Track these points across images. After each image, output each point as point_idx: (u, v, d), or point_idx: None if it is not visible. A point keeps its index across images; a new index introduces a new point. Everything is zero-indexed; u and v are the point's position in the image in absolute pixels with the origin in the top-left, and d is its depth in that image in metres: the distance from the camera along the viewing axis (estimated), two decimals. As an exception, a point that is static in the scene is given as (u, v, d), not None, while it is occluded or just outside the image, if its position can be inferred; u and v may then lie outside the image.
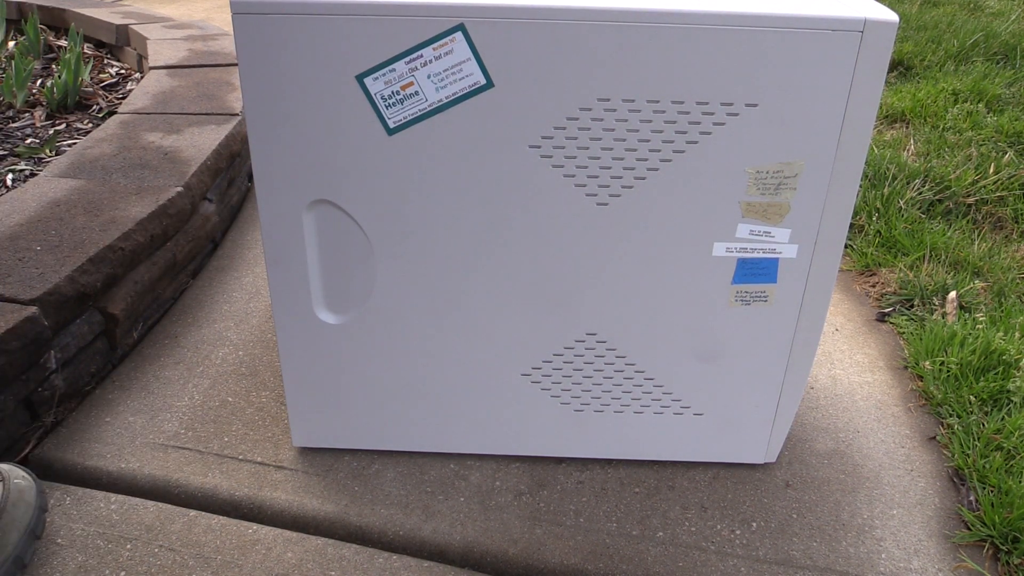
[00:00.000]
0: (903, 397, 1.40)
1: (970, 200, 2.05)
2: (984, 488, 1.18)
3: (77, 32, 2.58)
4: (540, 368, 1.10)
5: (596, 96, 0.89)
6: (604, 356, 1.08)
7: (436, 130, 0.91)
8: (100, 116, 2.19)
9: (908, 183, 2.08)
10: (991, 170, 2.13)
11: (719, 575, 1.04)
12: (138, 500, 1.10)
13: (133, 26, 2.77)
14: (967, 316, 1.57)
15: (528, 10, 0.84)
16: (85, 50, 2.73)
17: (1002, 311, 1.59)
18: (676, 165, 0.93)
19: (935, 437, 1.31)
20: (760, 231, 0.98)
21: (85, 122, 2.14)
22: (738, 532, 1.11)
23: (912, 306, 1.65)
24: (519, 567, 1.06)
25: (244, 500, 1.12)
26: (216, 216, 1.77)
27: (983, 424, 1.29)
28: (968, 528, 1.13)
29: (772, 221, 0.97)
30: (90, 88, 2.37)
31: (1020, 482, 1.16)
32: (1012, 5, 3.96)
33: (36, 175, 1.68)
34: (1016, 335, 1.47)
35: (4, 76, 2.18)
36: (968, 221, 2.01)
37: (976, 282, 1.70)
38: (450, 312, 1.05)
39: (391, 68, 0.88)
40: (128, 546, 1.03)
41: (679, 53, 0.86)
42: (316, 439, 1.18)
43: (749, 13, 0.84)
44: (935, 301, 1.64)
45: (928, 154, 2.29)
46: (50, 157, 1.86)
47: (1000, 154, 2.25)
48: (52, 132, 2.01)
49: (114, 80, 2.51)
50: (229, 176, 1.88)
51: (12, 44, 2.65)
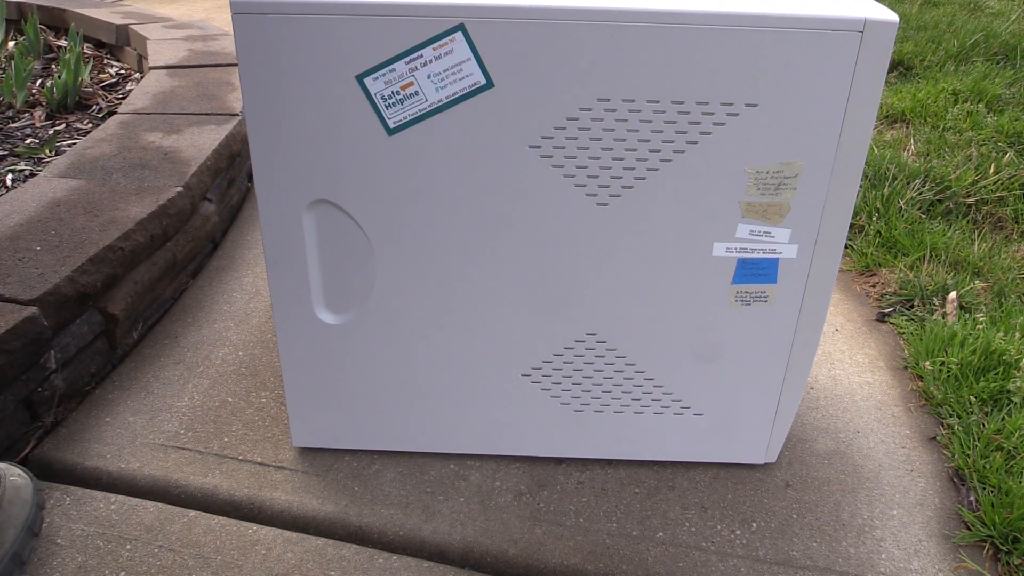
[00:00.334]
0: (903, 397, 1.40)
1: (970, 200, 2.05)
2: (984, 488, 1.18)
3: (77, 32, 2.58)
4: (540, 368, 1.10)
5: (596, 96, 0.89)
6: (604, 356, 1.08)
7: (436, 130, 0.91)
8: (100, 116, 2.19)
9: (908, 183, 2.08)
10: (991, 170, 2.13)
11: (719, 575, 1.04)
12: (138, 500, 1.10)
13: (133, 26, 2.77)
14: (967, 316, 1.57)
15: (528, 10, 0.84)
16: (85, 50, 2.73)
17: (1002, 311, 1.59)
18: (676, 165, 0.93)
19: (935, 437, 1.31)
20: (760, 231, 0.98)
21: (85, 122, 2.14)
22: (738, 532, 1.11)
23: (912, 306, 1.65)
24: (519, 567, 1.06)
25: (244, 500, 1.12)
26: (216, 216, 1.77)
27: (983, 424, 1.29)
28: (968, 528, 1.13)
29: (772, 221, 0.97)
30: (90, 88, 2.37)
31: (1020, 482, 1.16)
32: (1012, 5, 3.96)
33: (36, 175, 1.68)
34: (1016, 335, 1.47)
35: (4, 76, 2.18)
36: (968, 221, 2.01)
37: (976, 282, 1.70)
38: (450, 312, 1.05)
39: (391, 68, 0.88)
40: (128, 546, 1.03)
41: (679, 53, 0.86)
42: (316, 439, 1.18)
43: (749, 13, 0.84)
44: (935, 301, 1.64)
45: (928, 154, 2.29)
46: (50, 157, 1.86)
47: (1000, 154, 2.25)
48: (52, 132, 2.01)
49: (114, 80, 2.51)
50: (229, 176, 1.88)
51: (12, 44, 2.65)
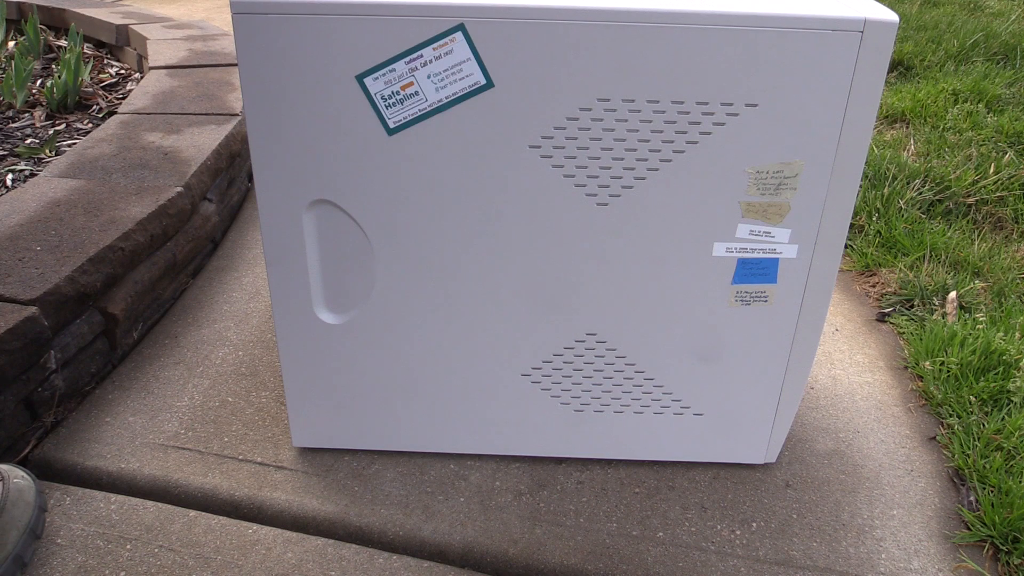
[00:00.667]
0: (903, 397, 1.40)
1: (970, 200, 2.05)
2: (984, 488, 1.18)
3: (77, 32, 2.58)
4: (540, 368, 1.10)
5: (596, 96, 0.89)
6: (604, 356, 1.08)
7: (436, 130, 0.91)
8: (100, 116, 2.19)
9: (908, 183, 2.08)
10: (991, 170, 2.13)
11: (719, 575, 1.04)
12: (138, 500, 1.10)
13: (133, 26, 2.77)
14: (967, 316, 1.57)
15: (528, 10, 0.84)
16: (85, 50, 2.73)
17: (1002, 311, 1.59)
18: (676, 165, 0.93)
19: (935, 437, 1.31)
20: (760, 231, 0.98)
21: (85, 122, 2.14)
22: (738, 532, 1.11)
23: (912, 306, 1.65)
24: (519, 567, 1.06)
25: (244, 500, 1.12)
26: (216, 216, 1.77)
27: (983, 424, 1.29)
28: (968, 528, 1.13)
29: (772, 221, 0.97)
30: (90, 88, 2.37)
31: (1020, 482, 1.16)
32: (1012, 5, 3.96)
33: (36, 175, 1.68)
34: (1016, 335, 1.47)
35: (4, 76, 2.18)
36: (968, 221, 2.01)
37: (976, 282, 1.70)
38: (450, 312, 1.05)
39: (391, 68, 0.88)
40: (128, 546, 1.03)
41: (679, 53, 0.86)
42: (316, 439, 1.18)
43: (749, 13, 0.84)
44: (935, 301, 1.64)
45: (928, 154, 2.29)
46: (50, 157, 1.86)
47: (1000, 154, 2.25)
48: (52, 132, 2.01)
49: (114, 80, 2.51)
50: (229, 176, 1.88)
51: (12, 44, 2.65)
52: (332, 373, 1.11)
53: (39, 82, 2.34)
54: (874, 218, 1.95)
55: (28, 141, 1.96)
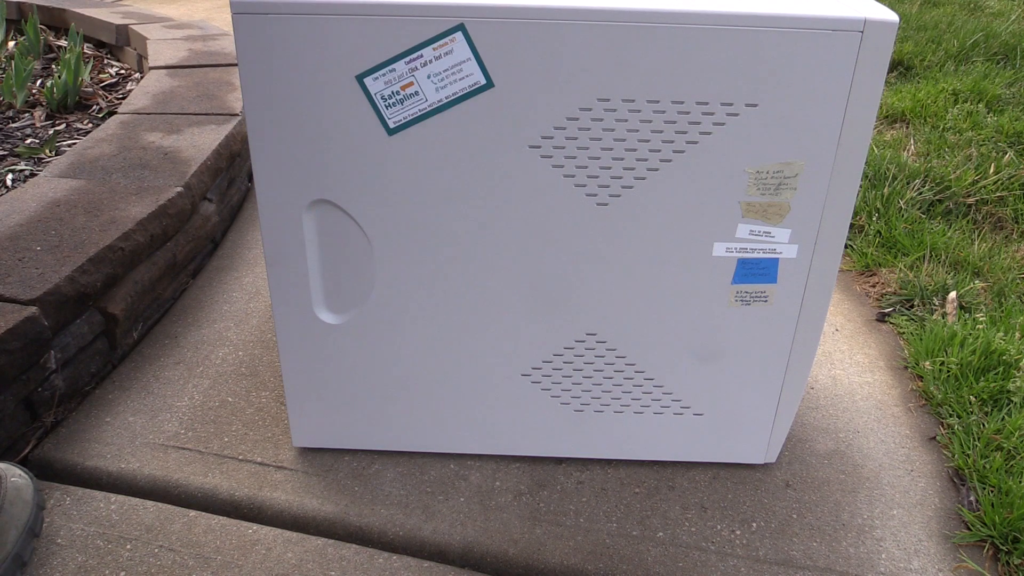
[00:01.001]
0: (903, 397, 1.40)
1: (970, 200, 2.05)
2: (984, 488, 1.18)
3: (77, 32, 2.58)
4: (540, 368, 1.10)
5: (596, 96, 0.89)
6: (604, 356, 1.08)
7: (436, 130, 0.91)
8: (100, 116, 2.19)
9: (908, 183, 2.08)
10: (991, 170, 2.13)
11: (719, 575, 1.04)
12: (138, 500, 1.10)
13: (133, 26, 2.77)
14: (967, 316, 1.57)
15: (528, 10, 0.84)
16: (85, 50, 2.73)
17: (1002, 311, 1.59)
18: (676, 165, 0.93)
19: (935, 437, 1.31)
20: (760, 231, 0.98)
21: (85, 122, 2.14)
22: (738, 532, 1.11)
23: (912, 306, 1.65)
24: (519, 567, 1.06)
25: (244, 500, 1.12)
26: (216, 216, 1.77)
27: (983, 424, 1.29)
28: (968, 528, 1.13)
29: (772, 221, 0.97)
30: (90, 88, 2.37)
31: (1020, 482, 1.16)
32: (1012, 5, 3.96)
33: (36, 175, 1.68)
34: (1016, 335, 1.47)
35: (4, 76, 2.18)
36: (968, 221, 2.01)
37: (976, 282, 1.70)
38: (450, 312, 1.05)
39: (391, 68, 0.88)
40: (128, 546, 1.03)
41: (679, 53, 0.86)
42: (316, 439, 1.18)
43: (749, 13, 0.84)
44: (935, 301, 1.64)
45: (928, 154, 2.29)
46: (50, 157, 1.86)
47: (1000, 154, 2.25)
48: (52, 132, 2.01)
49: (114, 80, 2.51)
50: (229, 176, 1.88)
51: (12, 44, 2.65)
52: (332, 373, 1.11)
53: (39, 82, 2.34)
54: (874, 218, 1.95)
55: (28, 141, 1.96)
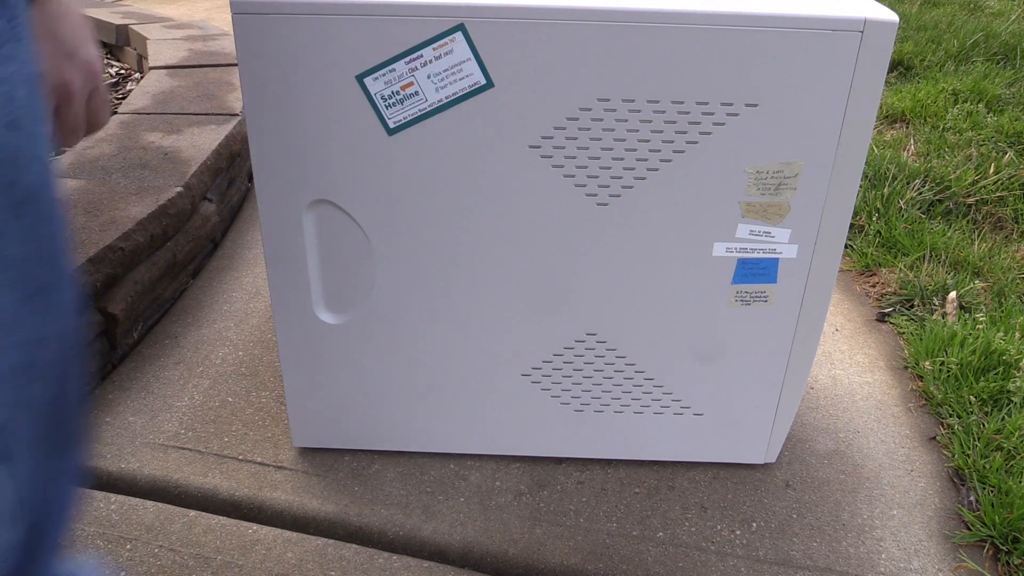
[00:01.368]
0: (903, 397, 1.40)
1: (970, 200, 2.05)
2: (984, 488, 1.18)
3: (77, 32, 2.57)
4: (540, 368, 1.10)
5: (596, 96, 0.89)
6: (604, 356, 1.08)
7: (436, 130, 0.91)
8: (100, 116, 2.19)
9: (908, 183, 2.08)
10: (991, 170, 2.13)
11: (719, 575, 1.04)
12: (138, 500, 1.10)
13: (133, 26, 2.77)
14: (967, 316, 1.57)
15: (528, 10, 0.84)
16: (85, 50, 2.73)
17: (1002, 311, 1.59)
18: (676, 165, 0.93)
19: (935, 437, 1.31)
20: (760, 231, 0.98)
21: (85, 122, 2.14)
22: (738, 532, 1.11)
23: (912, 306, 1.65)
24: (519, 567, 1.06)
25: (244, 500, 1.12)
26: (216, 216, 1.77)
27: (983, 424, 1.29)
28: (968, 528, 1.13)
29: (772, 221, 0.97)
30: (90, 88, 2.37)
31: (1020, 482, 1.16)
32: (1012, 5, 3.96)
33: (36, 175, 1.68)
34: (1016, 335, 1.47)
35: (4, 76, 2.18)
36: (968, 221, 2.01)
37: (976, 282, 1.70)
38: (450, 312, 1.05)
39: (391, 68, 0.88)
40: (128, 546, 1.03)
41: (679, 53, 0.86)
42: (316, 439, 1.18)
43: (749, 13, 0.84)
44: (935, 301, 1.64)
45: (928, 154, 2.29)
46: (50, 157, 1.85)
47: (1000, 154, 2.25)
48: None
49: (114, 80, 2.51)
50: (229, 176, 1.88)
51: (12, 44, 2.65)
52: (332, 373, 1.11)
53: (39, 82, 2.33)
54: (874, 218, 1.95)
55: (28, 141, 1.96)
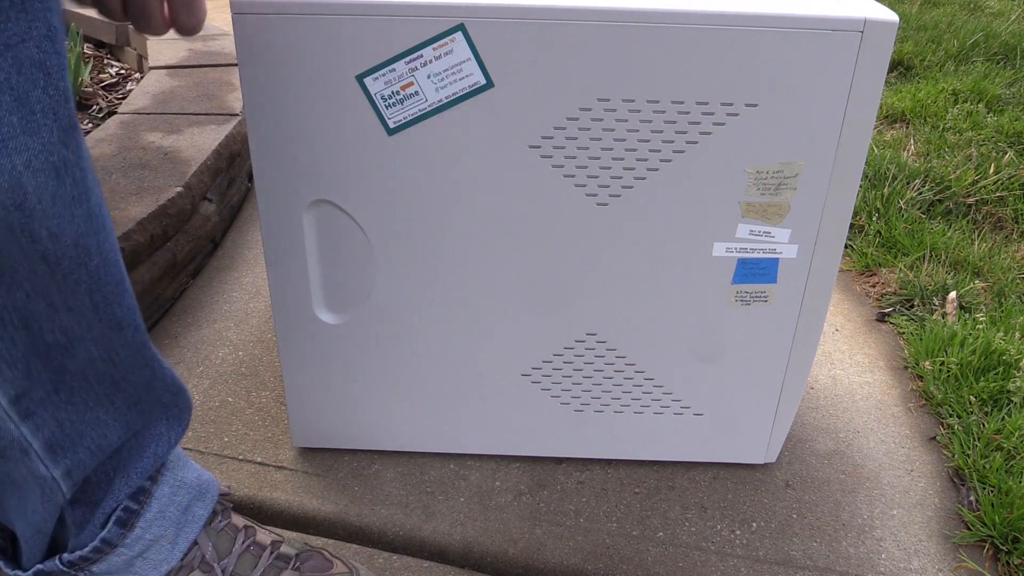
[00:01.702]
0: (903, 397, 1.40)
1: (970, 200, 2.05)
2: (984, 488, 1.18)
3: (77, 32, 2.58)
4: (540, 368, 1.10)
5: (596, 96, 0.89)
6: (604, 356, 1.08)
7: (436, 130, 0.91)
8: (100, 116, 2.19)
9: (908, 183, 2.08)
10: (991, 170, 2.13)
11: (719, 575, 1.04)
12: (138, 500, 1.10)
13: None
14: (967, 316, 1.57)
15: (528, 10, 0.84)
16: (85, 50, 2.73)
17: (1002, 311, 1.59)
18: (676, 165, 0.93)
19: (935, 437, 1.31)
20: (760, 231, 0.98)
21: (85, 122, 2.14)
22: (738, 532, 1.11)
23: (912, 306, 1.65)
24: (519, 567, 1.06)
25: (244, 500, 1.12)
26: (216, 216, 1.77)
27: (983, 424, 1.29)
28: (968, 528, 1.13)
29: (772, 221, 0.97)
30: (90, 88, 2.37)
31: (1020, 482, 1.16)
32: (1012, 5, 3.96)
33: (36, 175, 1.68)
34: (1016, 335, 1.47)
35: (4, 76, 2.18)
36: (968, 221, 2.01)
37: (976, 282, 1.70)
38: (450, 312, 1.05)
39: (391, 68, 0.88)
40: (128, 546, 1.03)
41: (679, 53, 0.86)
42: (316, 439, 1.18)
43: (749, 13, 0.84)
44: (935, 301, 1.64)
45: (928, 154, 2.29)
46: (50, 157, 1.85)
47: (1000, 154, 2.25)
48: (52, 132, 2.01)
49: (114, 80, 2.51)
50: (229, 176, 1.88)
51: (12, 44, 2.65)
52: (332, 373, 1.11)
53: (39, 82, 2.33)
54: (874, 218, 1.95)
55: (28, 141, 1.96)
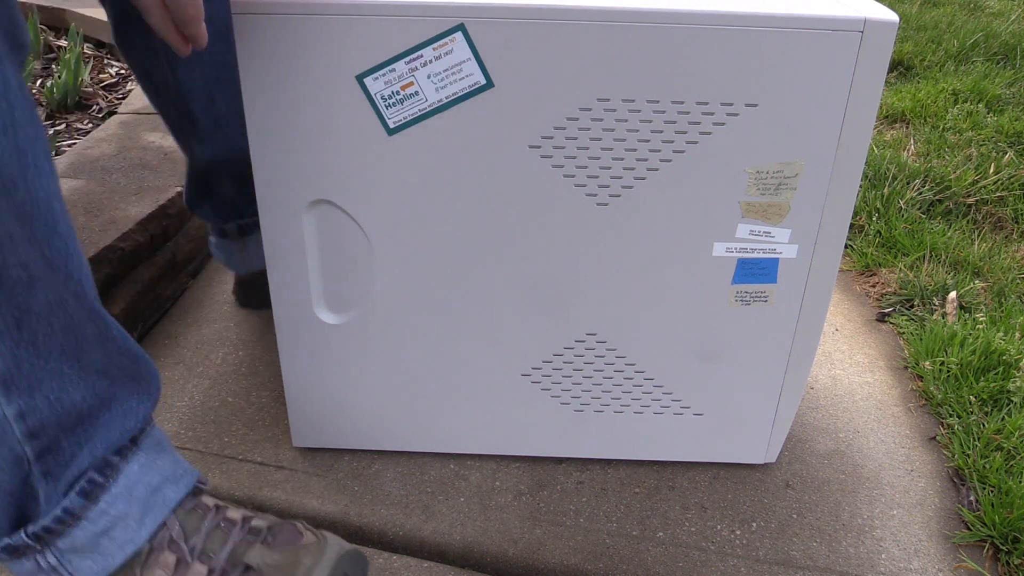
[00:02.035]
0: (903, 397, 1.40)
1: (970, 200, 2.05)
2: (984, 488, 1.18)
3: (77, 32, 2.58)
4: (540, 368, 1.10)
5: (596, 96, 0.89)
6: (604, 356, 1.08)
7: (436, 130, 0.91)
8: (100, 116, 2.19)
9: (908, 183, 2.08)
10: (991, 170, 2.13)
11: (719, 575, 1.04)
12: (138, 500, 1.10)
13: (133, 26, 2.76)
14: (967, 316, 1.57)
15: (528, 10, 0.84)
16: (85, 50, 2.73)
17: (1002, 311, 1.59)
18: (676, 165, 0.93)
19: (935, 437, 1.31)
20: (760, 231, 0.98)
21: (85, 122, 2.14)
22: (738, 532, 1.11)
23: (912, 306, 1.65)
24: (519, 567, 1.06)
25: (244, 500, 1.12)
26: (216, 216, 1.77)
27: (983, 424, 1.29)
28: (968, 528, 1.13)
29: (772, 221, 0.97)
30: (90, 88, 2.37)
31: (1020, 482, 1.16)
32: (1012, 5, 3.96)
33: (36, 175, 1.68)
34: (1016, 335, 1.47)
35: (4, 76, 2.18)
36: (968, 221, 2.01)
37: (976, 282, 1.70)
38: (450, 312, 1.05)
39: (391, 68, 0.88)
40: (128, 546, 1.03)
41: (679, 53, 0.86)
42: (316, 439, 1.18)
43: (749, 13, 0.84)
44: (935, 301, 1.64)
45: (928, 154, 2.29)
46: (50, 157, 1.85)
47: (1000, 154, 2.25)
48: (52, 132, 2.01)
49: (114, 80, 2.51)
50: (229, 176, 1.88)
51: (12, 44, 2.65)
52: (332, 373, 1.11)
53: (39, 82, 2.34)
54: (874, 218, 1.95)
55: (28, 141, 1.96)
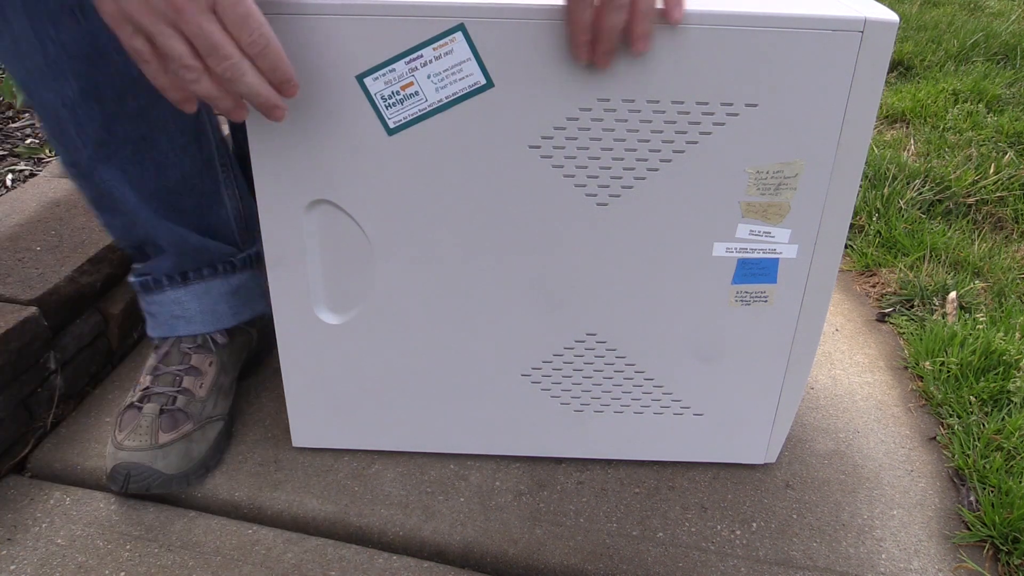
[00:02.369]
0: (903, 397, 1.40)
1: (970, 200, 2.05)
2: (984, 488, 1.18)
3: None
4: (540, 368, 1.10)
5: (596, 96, 0.89)
6: (604, 356, 1.08)
7: (436, 130, 0.91)
8: (100, 116, 2.19)
9: (908, 183, 2.08)
10: (991, 170, 2.14)
11: (719, 575, 1.04)
12: (138, 500, 1.10)
13: (133, 26, 2.76)
14: (967, 316, 1.57)
15: (528, 10, 0.84)
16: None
17: (1002, 311, 1.59)
18: (676, 165, 0.93)
19: (935, 437, 1.31)
20: (760, 231, 0.98)
21: (85, 122, 2.13)
22: (738, 532, 1.11)
23: (912, 306, 1.65)
24: (519, 567, 1.06)
25: (244, 500, 1.12)
26: (216, 216, 1.77)
27: (983, 424, 1.29)
28: (968, 528, 1.13)
29: (772, 221, 0.97)
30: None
31: (1020, 482, 1.16)
32: (1012, 5, 3.96)
33: (36, 175, 1.68)
34: (1016, 335, 1.47)
35: (4, 76, 2.18)
36: (968, 221, 2.01)
37: (976, 282, 1.70)
38: (450, 312, 1.05)
39: (391, 68, 0.87)
40: (128, 546, 1.03)
41: (678, 53, 0.86)
42: (316, 439, 1.18)
43: (749, 13, 0.84)
44: (935, 301, 1.64)
45: (928, 154, 2.29)
46: (50, 157, 1.86)
47: (1000, 154, 2.25)
48: (52, 132, 2.01)
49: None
50: (229, 176, 1.88)
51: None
52: (332, 373, 1.11)
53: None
54: (874, 218, 1.95)
55: (28, 141, 1.96)
